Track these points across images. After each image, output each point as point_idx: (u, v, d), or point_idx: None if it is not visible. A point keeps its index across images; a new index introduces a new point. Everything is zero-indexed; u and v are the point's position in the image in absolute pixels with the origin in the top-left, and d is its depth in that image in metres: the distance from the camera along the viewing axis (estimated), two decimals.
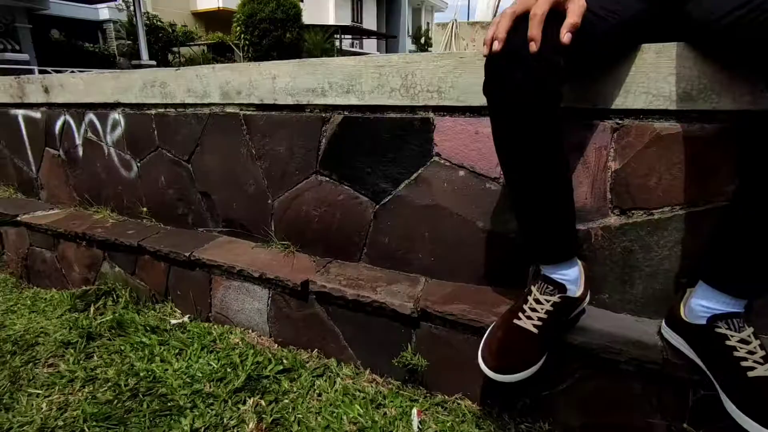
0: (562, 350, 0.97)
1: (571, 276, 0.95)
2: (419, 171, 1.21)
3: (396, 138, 1.22)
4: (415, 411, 1.07)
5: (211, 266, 1.45)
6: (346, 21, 18.60)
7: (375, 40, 20.65)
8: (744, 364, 0.74)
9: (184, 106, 1.58)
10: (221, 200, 1.59)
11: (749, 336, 0.77)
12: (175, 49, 12.24)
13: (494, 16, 3.47)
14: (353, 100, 1.26)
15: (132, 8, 9.35)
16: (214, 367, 1.23)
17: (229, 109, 1.49)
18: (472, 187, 1.15)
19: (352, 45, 19.32)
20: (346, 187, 1.33)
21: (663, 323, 0.94)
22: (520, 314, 0.92)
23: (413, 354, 1.15)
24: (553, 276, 0.94)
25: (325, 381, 1.21)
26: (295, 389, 1.17)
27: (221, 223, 1.62)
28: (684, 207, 0.96)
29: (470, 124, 1.12)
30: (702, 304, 0.82)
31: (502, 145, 0.87)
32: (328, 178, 1.36)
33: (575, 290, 0.95)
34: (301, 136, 1.37)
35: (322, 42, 14.16)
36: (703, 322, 0.81)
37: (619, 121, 0.98)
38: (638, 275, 1.03)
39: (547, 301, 0.92)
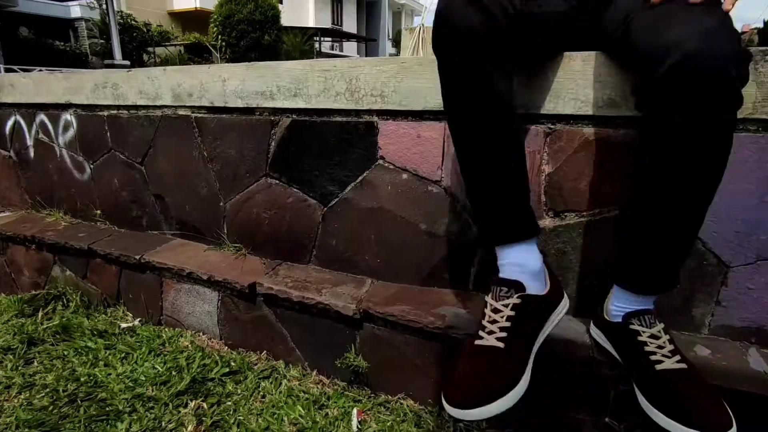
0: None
1: (529, 266, 0.85)
2: (364, 174, 1.23)
3: (342, 141, 1.23)
4: (355, 411, 1.08)
5: (162, 269, 1.43)
6: (326, 23, 18.58)
7: (355, 43, 20.68)
8: (653, 357, 0.78)
9: (137, 108, 1.56)
10: (175, 202, 1.58)
11: (659, 331, 0.81)
12: (150, 49, 12.03)
13: None
14: (301, 104, 1.27)
15: (105, 6, 9.16)
16: (159, 371, 1.22)
17: (180, 112, 1.48)
18: (415, 190, 1.17)
19: (332, 47, 19.30)
20: (295, 189, 1.34)
21: (591, 323, 0.97)
22: (480, 332, 0.80)
23: (356, 355, 1.17)
24: (507, 274, 0.85)
25: (271, 383, 1.21)
26: (239, 391, 1.17)
27: (175, 226, 1.61)
28: (612, 209, 1.00)
29: (412, 128, 1.14)
30: (616, 304, 0.86)
31: (451, 94, 0.81)
32: (277, 181, 1.36)
33: (539, 287, 0.86)
34: (251, 139, 1.37)
35: (300, 44, 14.10)
36: (620, 320, 0.84)
37: (551, 126, 1.02)
38: (572, 276, 1.07)
39: (506, 306, 0.80)
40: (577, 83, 0.97)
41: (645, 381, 0.79)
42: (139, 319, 1.51)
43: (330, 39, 18.19)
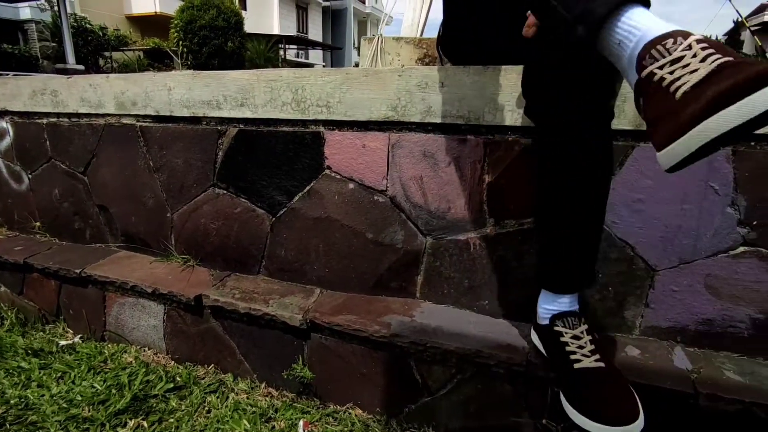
0: (444, 357, 1.01)
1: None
2: (312, 184, 1.23)
3: (289, 151, 1.23)
4: (301, 423, 1.08)
5: (105, 282, 1.38)
6: (291, 31, 18.49)
7: (321, 51, 20.66)
8: (573, 357, 0.82)
9: (78, 116, 1.51)
10: (119, 214, 1.53)
11: (582, 332, 0.85)
12: (106, 53, 11.62)
13: (420, 33, 3.59)
14: (247, 114, 1.26)
15: (57, 8, 8.79)
16: (98, 389, 1.18)
17: (125, 120, 1.44)
18: (362, 200, 1.18)
19: (297, 55, 19.20)
20: (243, 199, 1.33)
21: (532, 327, 1.00)
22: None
23: (303, 366, 1.16)
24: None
25: (218, 397, 1.18)
26: (183, 407, 1.14)
27: (120, 238, 1.56)
28: None
29: (358, 138, 1.15)
30: (543, 306, 0.90)
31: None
32: (225, 191, 1.34)
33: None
34: (198, 149, 1.35)
35: (265, 51, 13.96)
36: (546, 323, 0.88)
37: (491, 137, 1.05)
38: (513, 282, 1.10)
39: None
40: (513, 95, 1.00)
41: (565, 380, 0.82)
42: (80, 336, 1.44)
43: (295, 47, 18.10)
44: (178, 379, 1.24)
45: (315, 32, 21.23)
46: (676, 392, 0.88)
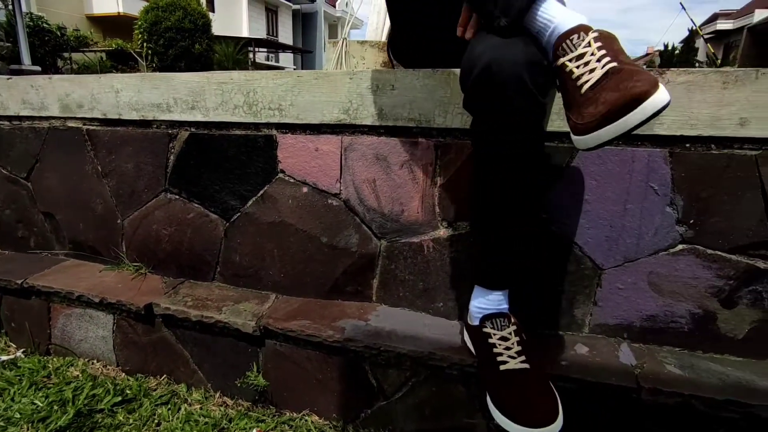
0: (396, 360, 1.01)
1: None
2: (265, 188, 1.21)
3: (242, 155, 1.21)
4: None
5: (49, 293, 1.32)
6: (261, 34, 18.27)
7: (291, 55, 20.50)
8: (499, 359, 0.83)
9: (20, 118, 1.44)
10: (67, 221, 1.47)
11: (510, 333, 0.86)
12: (66, 54, 11.20)
13: (384, 37, 3.61)
14: (199, 117, 1.23)
15: (11, 7, 8.41)
16: (38, 406, 1.12)
17: (70, 123, 1.39)
18: (316, 203, 1.17)
19: (267, 58, 18.98)
20: (196, 204, 1.29)
21: (463, 327, 1.00)
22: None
23: (257, 373, 1.14)
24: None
25: (169, 409, 1.14)
26: (131, 421, 1.10)
27: (68, 245, 1.49)
28: None
29: (310, 141, 1.14)
30: (475, 305, 0.91)
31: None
32: (177, 196, 1.31)
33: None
34: (149, 153, 1.31)
35: (234, 54, 13.76)
36: (477, 323, 0.89)
37: (441, 140, 1.06)
38: (466, 283, 1.10)
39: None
40: (462, 98, 1.01)
41: (490, 381, 0.83)
42: (22, 350, 1.37)
43: (266, 50, 17.90)
44: (127, 391, 1.19)
45: (285, 35, 21.06)
46: (621, 388, 0.90)
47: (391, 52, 1.09)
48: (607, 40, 0.66)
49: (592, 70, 0.65)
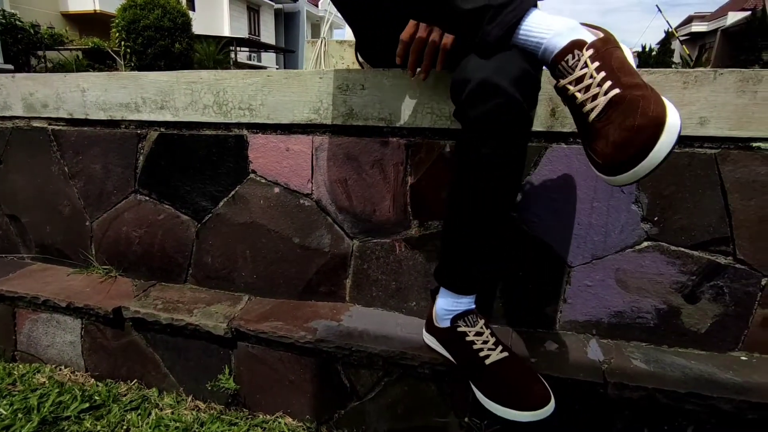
0: (368, 359, 1.01)
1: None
2: (236, 188, 1.19)
3: (212, 155, 1.19)
4: None
5: (14, 298, 1.28)
6: (243, 33, 18.08)
7: (274, 54, 20.33)
8: (481, 354, 0.84)
9: None
10: (33, 223, 1.43)
11: (482, 327, 0.87)
12: (40, 52, 10.92)
13: None
14: (168, 117, 1.21)
15: None
16: (2, 414, 1.09)
17: (35, 123, 1.35)
18: (287, 204, 1.16)
19: (249, 58, 18.78)
20: (166, 206, 1.27)
21: (424, 330, 1.00)
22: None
23: (229, 376, 1.12)
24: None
25: (139, 414, 1.12)
26: (99, 428, 1.07)
27: (35, 249, 1.45)
28: None
29: (281, 141, 1.13)
30: (443, 307, 0.91)
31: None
32: (147, 197, 1.28)
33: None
34: (117, 154, 1.28)
35: (215, 54, 13.58)
36: (448, 324, 0.89)
37: (411, 139, 1.06)
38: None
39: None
40: (431, 98, 1.02)
41: (479, 377, 0.84)
42: None
43: (247, 49, 17.72)
44: (96, 397, 1.17)
45: (267, 35, 20.88)
46: (588, 383, 0.91)
47: (359, 54, 1.09)
48: (605, 56, 0.64)
49: (595, 96, 0.63)
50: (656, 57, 14.78)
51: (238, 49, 15.41)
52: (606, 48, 0.64)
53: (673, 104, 0.61)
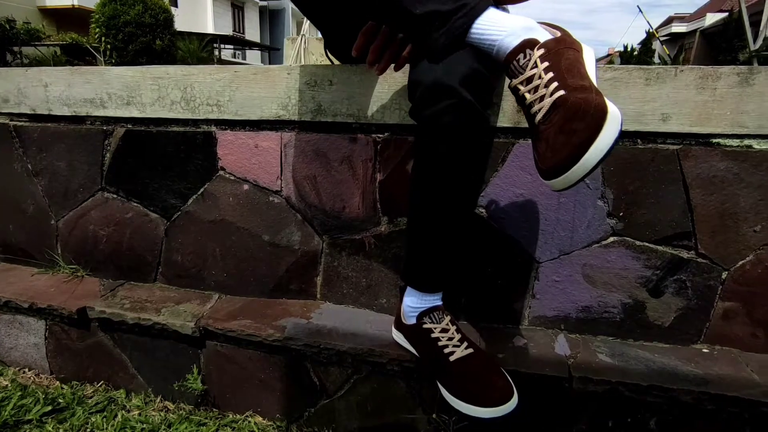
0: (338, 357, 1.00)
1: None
2: (205, 186, 1.18)
3: (181, 152, 1.17)
4: None
5: None
6: (227, 30, 17.88)
7: (259, 52, 20.15)
8: (446, 350, 0.84)
9: None
10: None
11: (448, 324, 0.87)
12: (16, 48, 10.66)
13: None
14: (135, 113, 1.19)
15: None
16: None
17: None
18: (257, 201, 1.15)
19: (234, 55, 18.60)
20: (134, 204, 1.25)
21: (393, 327, 1.00)
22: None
23: (198, 375, 1.11)
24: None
25: (104, 417, 1.10)
26: (61, 431, 1.05)
27: None
28: None
29: (250, 138, 1.12)
30: (409, 304, 0.90)
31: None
32: (115, 195, 1.26)
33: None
34: (83, 151, 1.25)
35: (198, 51, 13.39)
36: (414, 321, 0.89)
37: (380, 135, 1.06)
38: None
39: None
40: (399, 94, 1.01)
41: (443, 373, 0.84)
42: None
43: (232, 47, 17.53)
44: (60, 400, 1.14)
45: (252, 32, 20.68)
46: (554, 378, 0.92)
47: (328, 51, 1.08)
48: (555, 56, 0.63)
49: (542, 98, 0.62)
50: (638, 57, 15.00)
51: (222, 46, 15.23)
52: (558, 48, 0.63)
53: (618, 109, 0.59)
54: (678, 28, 19.32)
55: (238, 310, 1.14)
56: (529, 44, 0.65)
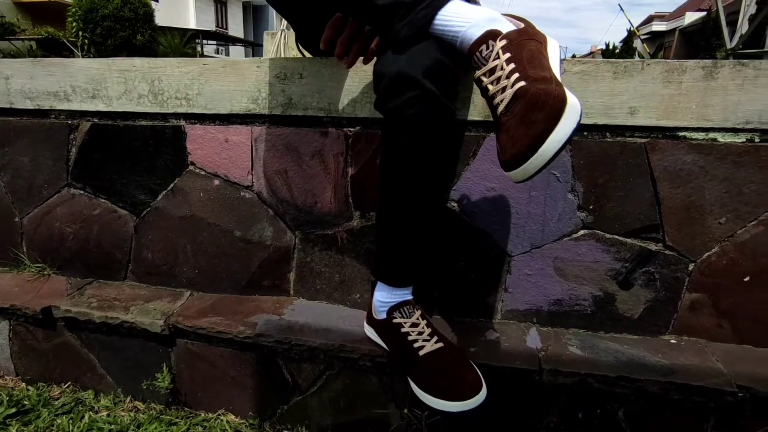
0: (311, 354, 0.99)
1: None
2: (175, 181, 1.15)
3: (149, 147, 1.15)
4: None
5: None
6: (210, 26, 17.64)
7: (243, 48, 19.92)
8: (416, 345, 0.83)
9: None
10: None
11: (418, 318, 0.87)
12: None
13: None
14: (101, 107, 1.15)
15: None
16: None
17: None
18: (228, 196, 1.13)
19: (217, 51, 18.34)
20: (102, 200, 1.22)
21: (365, 322, 0.99)
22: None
23: (167, 374, 1.09)
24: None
25: (70, 418, 1.07)
26: None
27: None
28: None
29: (220, 132, 1.10)
30: (379, 299, 0.90)
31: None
32: (81, 191, 1.23)
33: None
34: (47, 146, 1.22)
35: (180, 46, 13.18)
36: (384, 315, 0.88)
37: (351, 129, 1.05)
38: None
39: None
40: (370, 87, 1.00)
41: (413, 368, 0.84)
42: None
43: (215, 42, 17.29)
44: (25, 402, 1.11)
45: (236, 28, 20.43)
46: (524, 371, 0.92)
47: (299, 44, 1.07)
48: (517, 47, 0.63)
49: (503, 89, 0.62)
50: (619, 55, 15.22)
51: (205, 42, 15.01)
52: (520, 39, 0.63)
53: (578, 100, 0.59)
54: (658, 26, 19.64)
55: (210, 307, 1.12)
56: (492, 35, 0.64)
